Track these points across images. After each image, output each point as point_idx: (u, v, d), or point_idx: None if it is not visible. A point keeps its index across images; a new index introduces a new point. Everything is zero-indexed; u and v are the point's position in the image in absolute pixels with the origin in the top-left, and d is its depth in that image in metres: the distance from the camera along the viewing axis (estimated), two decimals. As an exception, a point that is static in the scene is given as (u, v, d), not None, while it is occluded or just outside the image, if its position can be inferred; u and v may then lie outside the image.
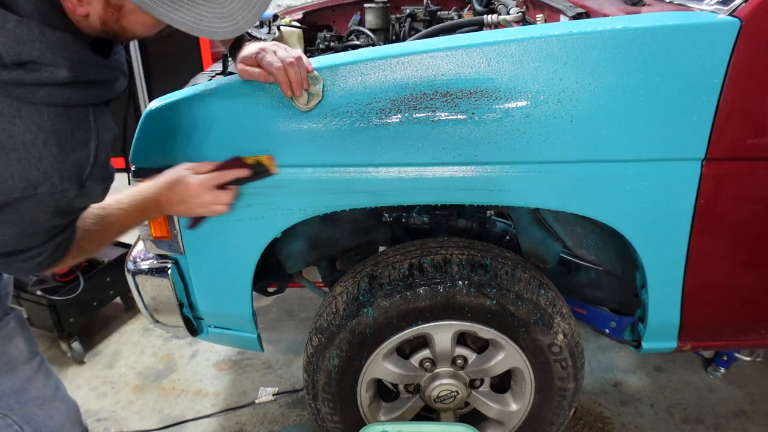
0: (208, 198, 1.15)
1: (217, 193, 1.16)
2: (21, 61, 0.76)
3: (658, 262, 1.25)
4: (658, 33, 1.08)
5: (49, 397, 1.15)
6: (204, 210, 1.18)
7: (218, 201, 1.16)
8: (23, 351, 1.10)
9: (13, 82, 0.76)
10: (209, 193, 1.15)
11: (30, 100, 0.78)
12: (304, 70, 1.12)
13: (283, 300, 2.57)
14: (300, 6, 2.56)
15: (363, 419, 1.49)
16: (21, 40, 0.76)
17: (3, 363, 1.07)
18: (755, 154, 1.15)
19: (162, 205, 1.15)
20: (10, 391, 1.09)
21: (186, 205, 1.16)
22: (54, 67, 0.78)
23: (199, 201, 1.15)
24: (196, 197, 1.14)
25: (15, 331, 1.10)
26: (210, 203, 1.16)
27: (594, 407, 1.94)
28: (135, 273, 1.38)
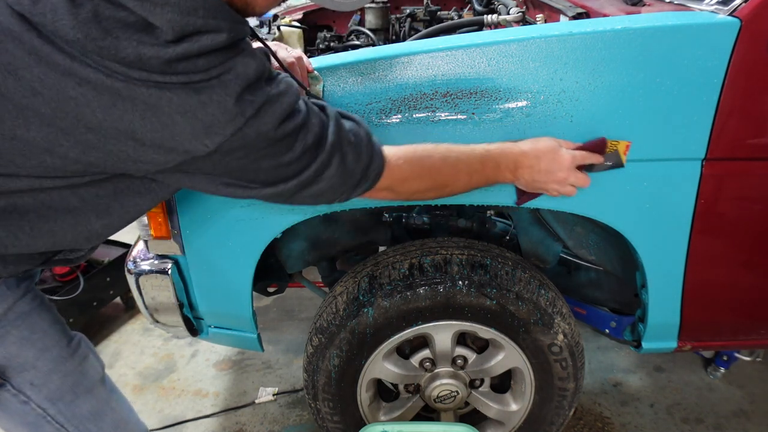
0: (573, 177, 1.09)
1: (576, 174, 1.09)
2: (185, 33, 0.74)
3: (658, 262, 1.25)
4: (658, 33, 1.08)
5: (125, 420, 1.11)
6: (559, 188, 1.10)
7: (578, 182, 1.10)
8: (98, 371, 1.08)
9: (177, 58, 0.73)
10: (574, 172, 1.09)
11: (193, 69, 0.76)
12: (304, 69, 1.11)
13: (283, 300, 2.57)
14: (300, 6, 2.56)
15: (363, 419, 1.49)
16: (186, 10, 0.73)
17: (82, 385, 1.04)
18: (755, 154, 1.15)
19: (520, 169, 1.08)
20: (89, 414, 1.05)
21: (548, 176, 1.08)
22: (215, 32, 0.76)
23: (562, 177, 1.08)
24: (562, 171, 1.07)
25: (87, 350, 1.07)
26: (572, 182, 1.10)
27: (594, 407, 1.94)
28: (135, 273, 1.38)
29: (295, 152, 0.87)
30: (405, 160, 0.99)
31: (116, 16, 0.72)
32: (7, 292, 0.94)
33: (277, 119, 0.83)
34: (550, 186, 1.11)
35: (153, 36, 0.73)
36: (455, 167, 1.04)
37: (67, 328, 1.06)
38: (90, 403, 1.05)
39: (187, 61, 0.75)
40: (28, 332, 0.97)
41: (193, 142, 0.79)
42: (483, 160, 1.06)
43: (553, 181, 1.09)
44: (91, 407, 1.05)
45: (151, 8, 0.72)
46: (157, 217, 1.28)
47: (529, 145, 1.08)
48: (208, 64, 0.77)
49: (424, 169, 1.02)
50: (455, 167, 1.04)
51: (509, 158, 1.08)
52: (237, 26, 0.81)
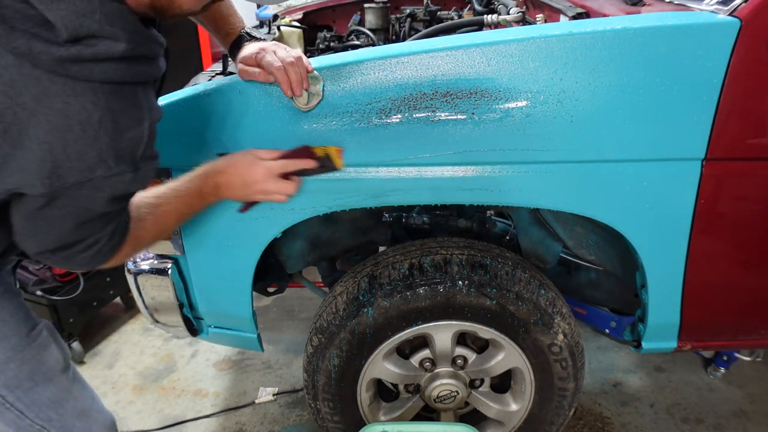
0: (272, 186, 1.11)
1: (281, 182, 1.12)
2: (79, 35, 0.74)
3: (658, 262, 1.25)
4: (658, 33, 1.07)
5: (87, 408, 1.12)
6: (264, 197, 1.14)
7: (281, 190, 1.13)
8: (59, 360, 1.09)
9: (70, 59, 0.73)
10: (273, 181, 1.11)
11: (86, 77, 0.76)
12: (304, 69, 1.12)
13: (283, 300, 2.57)
14: (300, 6, 2.56)
15: (363, 419, 1.49)
16: (81, 12, 0.73)
17: (41, 373, 1.05)
18: (755, 154, 1.15)
19: (221, 189, 1.11)
20: (49, 402, 1.06)
21: (247, 190, 1.12)
22: (112, 40, 0.76)
23: (262, 188, 1.11)
24: (259, 183, 1.11)
25: (49, 339, 1.08)
26: (272, 191, 1.12)
27: (594, 407, 1.94)
28: (135, 273, 1.38)
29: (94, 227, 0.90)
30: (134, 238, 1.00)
31: (16, 6, 0.72)
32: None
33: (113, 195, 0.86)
34: (255, 197, 1.15)
35: (50, 32, 0.73)
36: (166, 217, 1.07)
37: (30, 316, 1.07)
38: (50, 391, 1.06)
39: (82, 65, 0.75)
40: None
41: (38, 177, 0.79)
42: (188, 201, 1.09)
43: (257, 192, 1.13)
44: (51, 395, 1.07)
45: (48, 3, 0.72)
46: (157, 217, 1.28)
47: (225, 163, 1.11)
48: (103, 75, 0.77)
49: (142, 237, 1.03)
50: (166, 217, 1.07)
51: (209, 183, 1.10)
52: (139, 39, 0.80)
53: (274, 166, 1.11)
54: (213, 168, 1.11)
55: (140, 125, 0.84)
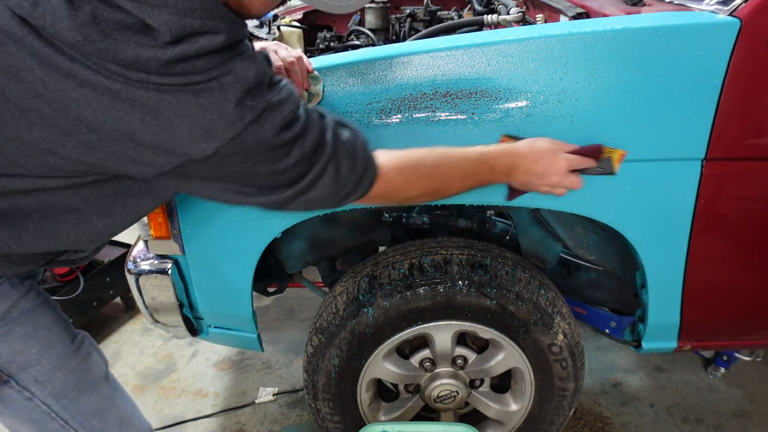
0: (564, 180, 1.09)
1: (570, 176, 1.10)
2: (183, 35, 0.74)
3: (658, 262, 1.25)
4: (658, 33, 1.08)
5: (129, 416, 1.11)
6: (549, 189, 1.11)
7: (570, 185, 1.11)
8: (102, 368, 1.08)
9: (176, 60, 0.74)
10: (564, 175, 1.09)
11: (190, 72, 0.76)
12: (305, 70, 1.12)
13: (283, 300, 2.57)
14: (300, 6, 2.56)
15: (363, 419, 1.49)
16: (183, 12, 0.74)
17: (86, 381, 1.04)
18: (755, 154, 1.15)
19: (516, 170, 1.08)
20: (93, 411, 1.05)
21: (543, 179, 1.09)
22: (212, 33, 0.77)
23: (553, 180, 1.09)
24: (556, 176, 1.08)
25: (91, 347, 1.08)
26: (559, 184, 1.10)
27: (594, 407, 1.94)
28: (135, 273, 1.38)
29: (292, 159, 0.87)
30: (398, 169, 0.99)
31: (114, 18, 0.73)
32: (11, 290, 0.95)
33: (276, 126, 0.84)
34: (543, 187, 1.12)
35: (151, 38, 0.74)
36: (448, 173, 1.05)
37: (70, 325, 1.07)
38: (94, 399, 1.05)
39: (185, 63, 0.75)
40: (32, 329, 0.98)
41: (192, 145, 0.79)
42: (477, 164, 1.07)
43: (546, 183, 1.10)
44: (95, 404, 1.05)
45: (148, 10, 0.73)
46: (157, 217, 1.28)
47: (526, 148, 1.08)
48: (206, 66, 0.77)
49: (416, 176, 1.02)
50: (448, 173, 1.05)
51: (505, 161, 1.08)
52: (234, 27, 0.81)
53: (572, 159, 1.09)
54: (513, 149, 1.08)
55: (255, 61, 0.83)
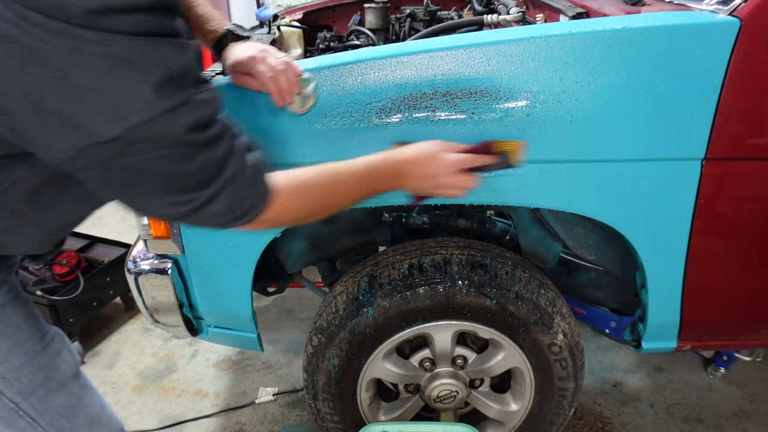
0: (451, 180, 1.08)
1: (462, 176, 1.08)
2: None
3: (658, 262, 1.25)
4: (658, 33, 1.08)
5: (98, 415, 1.11)
6: (443, 191, 1.10)
7: (463, 185, 1.09)
8: (71, 366, 1.07)
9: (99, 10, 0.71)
10: (455, 176, 1.07)
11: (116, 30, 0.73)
12: (294, 75, 1.10)
13: (283, 300, 2.57)
14: (300, 6, 2.56)
15: (363, 419, 1.49)
16: None
17: (55, 379, 1.03)
18: (755, 154, 1.15)
19: (401, 177, 1.07)
20: (61, 409, 1.04)
21: (430, 182, 1.08)
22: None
23: (443, 181, 1.07)
24: (442, 177, 1.07)
25: (61, 345, 1.07)
26: (451, 185, 1.09)
27: (594, 407, 1.94)
28: (135, 273, 1.38)
29: (196, 164, 0.84)
30: (291, 194, 0.97)
31: None
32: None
33: (189, 124, 0.81)
34: (435, 190, 1.10)
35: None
36: (335, 192, 1.03)
37: (42, 322, 1.05)
38: (62, 398, 1.05)
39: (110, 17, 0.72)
40: (2, 325, 0.97)
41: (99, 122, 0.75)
42: (365, 177, 1.05)
43: (436, 185, 1.09)
44: (64, 402, 1.05)
45: None
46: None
47: (412, 152, 1.08)
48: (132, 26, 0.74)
49: (307, 199, 1.00)
50: (335, 192, 1.03)
51: (391, 169, 1.07)
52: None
53: (461, 159, 1.08)
54: (398, 155, 1.08)
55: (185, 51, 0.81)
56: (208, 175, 0.86)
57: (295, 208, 0.98)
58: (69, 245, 2.52)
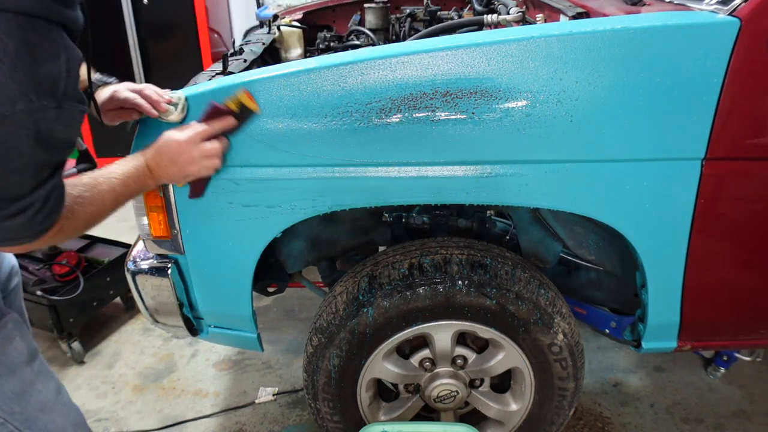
0: (197, 152, 1.14)
1: (205, 147, 1.14)
2: None
3: (658, 262, 1.25)
4: (658, 33, 1.08)
5: (51, 401, 1.11)
6: (196, 167, 1.16)
7: (208, 154, 1.15)
8: (23, 353, 1.08)
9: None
10: (197, 149, 1.14)
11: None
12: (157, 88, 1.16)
13: (283, 300, 2.57)
14: (300, 6, 2.56)
15: (363, 419, 1.49)
16: None
17: (4, 365, 1.04)
18: (755, 153, 1.15)
19: (154, 170, 1.13)
20: (11, 394, 1.06)
21: (176, 165, 1.14)
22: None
23: (189, 157, 1.13)
24: (184, 154, 1.13)
25: (13, 332, 1.07)
26: (200, 158, 1.14)
27: (594, 407, 1.94)
28: (135, 273, 1.38)
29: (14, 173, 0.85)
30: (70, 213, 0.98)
31: None
32: None
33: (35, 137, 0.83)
34: (188, 169, 1.15)
35: None
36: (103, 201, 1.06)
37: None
38: (12, 383, 1.05)
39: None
40: None
41: None
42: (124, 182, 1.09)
43: (186, 163, 1.14)
44: (14, 388, 1.06)
45: None
46: (157, 217, 1.29)
47: (152, 147, 1.14)
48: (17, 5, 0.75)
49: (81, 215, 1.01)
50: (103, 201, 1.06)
51: (143, 168, 1.12)
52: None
53: (192, 134, 1.13)
54: (144, 154, 1.14)
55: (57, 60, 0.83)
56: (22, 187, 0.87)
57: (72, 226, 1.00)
58: (69, 245, 2.52)
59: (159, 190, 1.25)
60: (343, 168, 1.19)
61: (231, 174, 1.21)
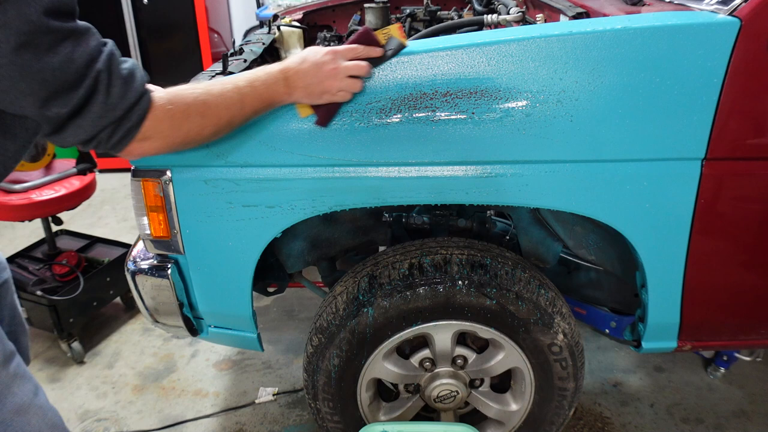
0: (343, 67, 1.09)
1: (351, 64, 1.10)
2: None
3: (658, 262, 1.25)
4: (658, 33, 1.08)
5: (27, 403, 1.09)
6: (337, 83, 1.10)
7: (354, 71, 1.11)
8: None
9: None
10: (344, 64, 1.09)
11: None
12: None
13: (283, 300, 2.57)
14: (300, 6, 2.56)
15: (363, 419, 1.49)
16: None
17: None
18: (755, 154, 1.15)
19: (291, 77, 1.08)
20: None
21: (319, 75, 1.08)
22: None
23: (333, 69, 1.08)
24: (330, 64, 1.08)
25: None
26: (344, 73, 1.10)
27: (594, 407, 1.94)
28: (135, 273, 1.38)
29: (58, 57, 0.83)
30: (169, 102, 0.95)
31: None
32: None
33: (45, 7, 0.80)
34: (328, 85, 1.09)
35: None
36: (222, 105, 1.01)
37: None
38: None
39: None
40: None
41: None
42: (250, 87, 1.05)
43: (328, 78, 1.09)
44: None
45: None
46: (157, 217, 1.29)
47: (295, 60, 1.09)
48: None
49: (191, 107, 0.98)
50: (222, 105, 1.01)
51: (277, 77, 1.08)
52: None
53: (342, 48, 1.10)
54: (282, 64, 1.09)
55: None
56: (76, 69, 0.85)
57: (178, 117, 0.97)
58: (69, 245, 2.52)
59: (159, 190, 1.25)
60: (343, 168, 1.19)
61: (231, 174, 1.21)
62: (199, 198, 1.25)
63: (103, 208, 3.59)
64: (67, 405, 2.03)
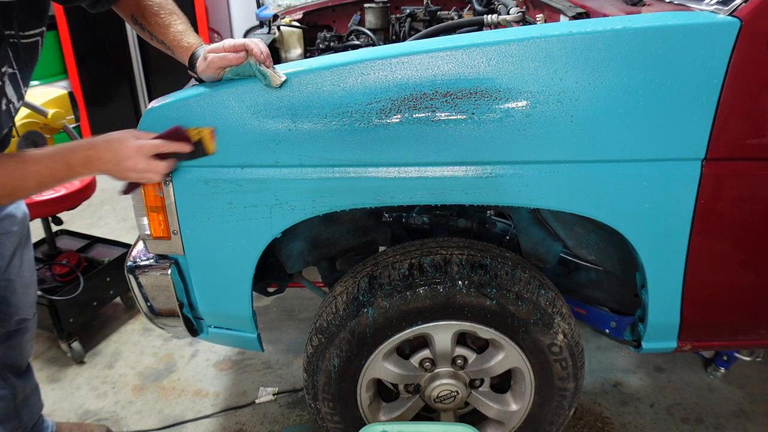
0: (143, 164, 1.15)
1: (153, 161, 1.15)
2: None
3: (658, 262, 1.25)
4: (658, 33, 1.08)
5: None
6: (135, 176, 1.17)
7: (152, 169, 1.16)
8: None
9: None
10: (145, 160, 1.14)
11: None
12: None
13: (283, 300, 2.57)
14: (300, 6, 2.56)
15: (363, 419, 1.49)
16: None
17: None
18: (755, 154, 1.15)
19: (92, 162, 1.14)
20: None
21: (118, 166, 1.15)
22: None
23: (132, 165, 1.14)
24: (129, 160, 1.14)
25: None
26: (143, 170, 1.16)
27: (594, 407, 1.94)
28: (135, 273, 1.38)
29: None
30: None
31: None
32: None
33: None
34: (126, 174, 1.17)
35: None
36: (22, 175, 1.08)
37: None
38: None
39: None
40: None
41: None
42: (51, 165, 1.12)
43: (127, 169, 1.15)
44: None
45: None
46: (157, 217, 1.29)
47: (99, 139, 1.15)
48: None
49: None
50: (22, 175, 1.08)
51: (80, 155, 1.14)
52: None
53: (146, 145, 1.14)
54: (89, 142, 1.15)
55: None
56: None
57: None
58: (69, 245, 2.52)
59: (158, 190, 1.25)
60: (343, 168, 1.19)
61: (231, 174, 1.21)
62: (199, 198, 1.25)
63: (103, 208, 3.59)
64: (67, 405, 2.03)
